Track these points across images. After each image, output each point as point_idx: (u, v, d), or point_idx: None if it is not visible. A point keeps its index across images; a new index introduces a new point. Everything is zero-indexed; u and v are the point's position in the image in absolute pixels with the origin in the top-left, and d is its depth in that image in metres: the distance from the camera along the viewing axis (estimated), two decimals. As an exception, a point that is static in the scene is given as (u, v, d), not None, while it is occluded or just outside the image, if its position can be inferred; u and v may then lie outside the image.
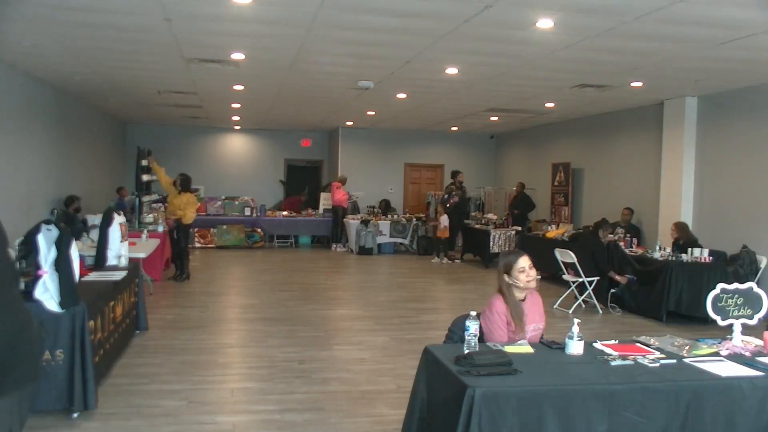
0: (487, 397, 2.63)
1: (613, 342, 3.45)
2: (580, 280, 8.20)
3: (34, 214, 8.52)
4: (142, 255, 7.26)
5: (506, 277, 3.57)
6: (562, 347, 3.28)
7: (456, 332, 3.57)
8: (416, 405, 3.16)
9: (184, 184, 9.63)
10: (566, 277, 8.47)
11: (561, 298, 8.55)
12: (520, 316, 3.52)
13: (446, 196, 13.38)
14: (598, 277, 8.25)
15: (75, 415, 4.18)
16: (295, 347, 6.21)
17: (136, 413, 4.38)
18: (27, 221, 7.37)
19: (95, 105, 12.48)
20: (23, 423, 2.39)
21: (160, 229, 9.76)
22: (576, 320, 3.33)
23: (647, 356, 3.18)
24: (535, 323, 3.59)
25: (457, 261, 13.09)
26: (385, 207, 15.99)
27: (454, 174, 13.66)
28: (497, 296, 3.61)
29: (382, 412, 4.50)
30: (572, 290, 8.37)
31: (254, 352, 6.11)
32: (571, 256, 8.32)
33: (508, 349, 3.21)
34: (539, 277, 3.67)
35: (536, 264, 3.70)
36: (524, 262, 3.57)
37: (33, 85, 9.21)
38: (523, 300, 3.60)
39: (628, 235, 9.53)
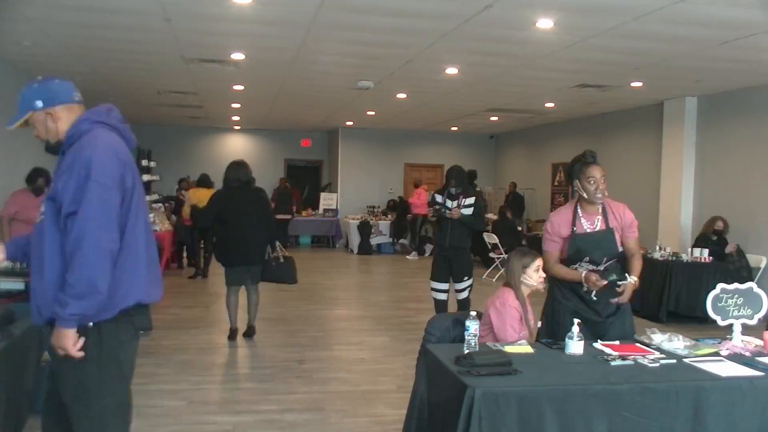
0: (487, 397, 2.63)
1: (613, 342, 3.45)
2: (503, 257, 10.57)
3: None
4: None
5: (522, 276, 3.64)
6: (561, 347, 3.28)
7: (434, 333, 3.56)
8: (416, 405, 3.16)
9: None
10: (492, 254, 11.01)
11: (488, 270, 11.04)
12: (527, 314, 3.63)
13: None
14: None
15: None
16: (295, 347, 6.22)
17: (136, 413, 4.35)
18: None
19: (95, 105, 12.46)
20: (24, 423, 2.44)
21: (158, 228, 9.79)
22: (576, 320, 3.33)
23: (647, 356, 3.18)
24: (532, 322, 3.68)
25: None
26: (393, 207, 16.04)
27: (473, 175, 12.35)
28: (508, 290, 3.65)
29: (382, 412, 4.50)
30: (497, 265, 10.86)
31: (254, 352, 6.11)
32: (494, 238, 11.09)
33: (508, 349, 3.21)
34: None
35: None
36: (540, 262, 3.70)
37: (33, 85, 9.21)
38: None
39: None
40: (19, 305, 4.02)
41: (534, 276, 3.65)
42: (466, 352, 3.00)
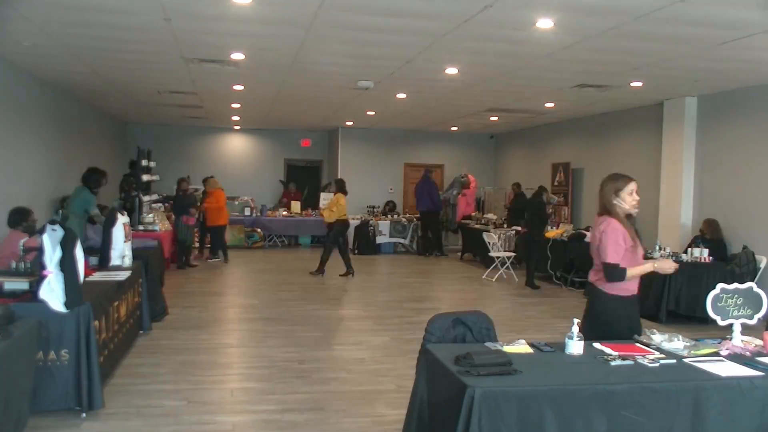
0: (487, 397, 2.63)
1: (612, 342, 3.45)
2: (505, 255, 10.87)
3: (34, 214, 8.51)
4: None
5: (615, 199, 3.71)
6: (554, 350, 3.29)
7: (434, 333, 3.56)
8: (416, 405, 3.16)
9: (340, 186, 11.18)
10: (492, 253, 11.05)
11: (488, 270, 11.04)
12: (633, 233, 3.67)
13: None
14: (514, 254, 11.16)
15: (84, 415, 4.18)
16: (295, 347, 6.22)
17: (136, 413, 4.38)
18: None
19: (95, 105, 12.47)
20: (24, 422, 2.45)
21: (158, 228, 9.79)
22: (576, 320, 3.33)
23: (647, 356, 3.18)
24: (640, 245, 3.75)
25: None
26: (393, 207, 16.09)
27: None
28: (610, 219, 3.70)
29: (382, 412, 4.50)
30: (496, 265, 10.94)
31: (254, 352, 6.11)
32: (493, 237, 11.23)
33: (508, 349, 3.21)
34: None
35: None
36: (634, 185, 3.77)
37: (33, 85, 9.21)
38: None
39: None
40: (20, 305, 4.03)
41: (628, 199, 3.69)
42: (466, 352, 2.99)
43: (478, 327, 3.58)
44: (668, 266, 3.78)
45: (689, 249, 8.15)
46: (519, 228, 12.42)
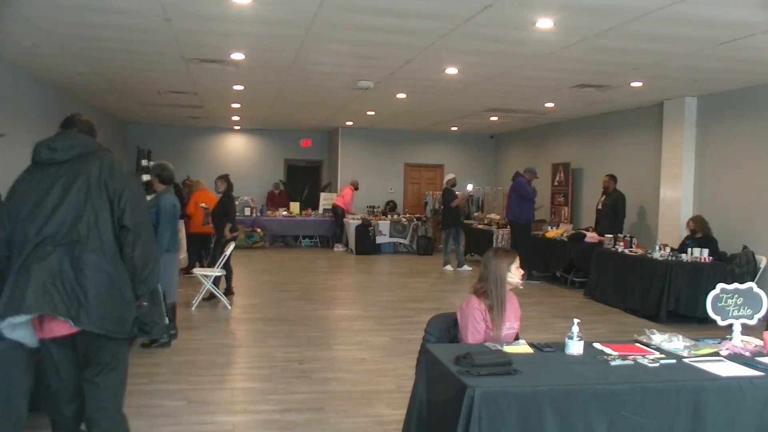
0: (487, 397, 2.63)
1: (612, 342, 3.45)
2: None
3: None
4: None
5: (505, 273, 3.57)
6: (554, 350, 3.29)
7: (433, 333, 3.57)
8: (416, 405, 3.16)
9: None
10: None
11: None
12: (501, 311, 3.51)
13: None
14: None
15: None
16: (295, 347, 6.22)
17: (135, 413, 4.37)
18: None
19: (95, 105, 12.47)
20: (24, 422, 2.46)
21: None
22: (576, 320, 3.33)
23: (647, 356, 3.18)
24: (510, 322, 3.57)
25: None
26: (394, 207, 16.10)
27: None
28: (472, 296, 3.59)
29: (382, 412, 4.50)
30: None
31: (254, 352, 6.11)
32: None
33: (508, 349, 3.21)
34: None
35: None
36: (518, 260, 3.65)
37: (33, 84, 9.21)
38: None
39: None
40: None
41: (516, 273, 3.61)
42: (467, 352, 3.00)
43: None
44: None
45: (689, 249, 8.15)
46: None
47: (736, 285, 3.61)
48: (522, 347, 3.28)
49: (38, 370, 4.03)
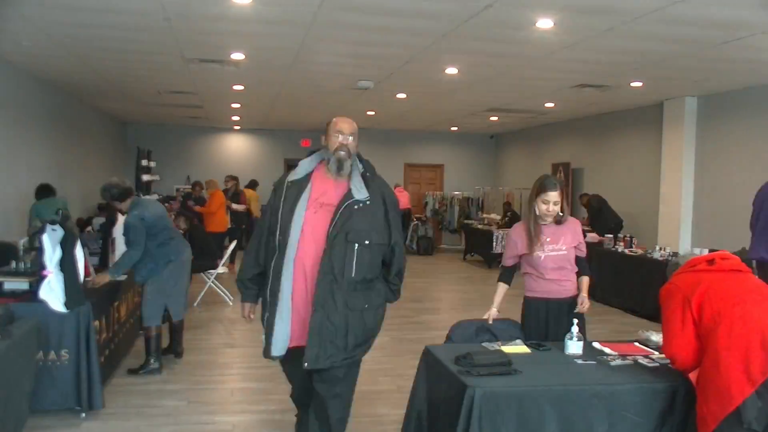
0: (487, 397, 2.63)
1: (612, 342, 3.45)
2: None
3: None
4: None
5: (534, 200, 3.75)
6: (549, 348, 3.29)
7: (456, 341, 3.58)
8: (416, 405, 3.16)
9: None
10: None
11: None
12: (535, 235, 3.69)
13: None
14: None
15: (83, 415, 4.17)
16: (295, 347, 6.21)
17: (135, 413, 4.38)
18: (27, 222, 7.38)
19: (95, 105, 12.47)
20: (24, 422, 2.45)
21: None
22: (575, 320, 3.33)
23: (647, 356, 3.18)
24: (554, 244, 3.71)
25: None
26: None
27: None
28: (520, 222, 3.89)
29: (382, 412, 4.50)
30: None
31: (254, 352, 6.10)
32: None
33: (507, 349, 3.21)
34: (561, 214, 3.76)
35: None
36: (553, 196, 3.70)
37: (33, 84, 9.21)
38: (546, 225, 3.76)
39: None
40: (20, 305, 4.03)
41: (541, 206, 3.71)
42: (466, 351, 3.00)
43: (506, 335, 3.57)
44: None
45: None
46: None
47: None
48: (519, 347, 3.29)
49: (38, 370, 4.04)
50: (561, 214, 3.76)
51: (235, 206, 11.19)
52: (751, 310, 2.57)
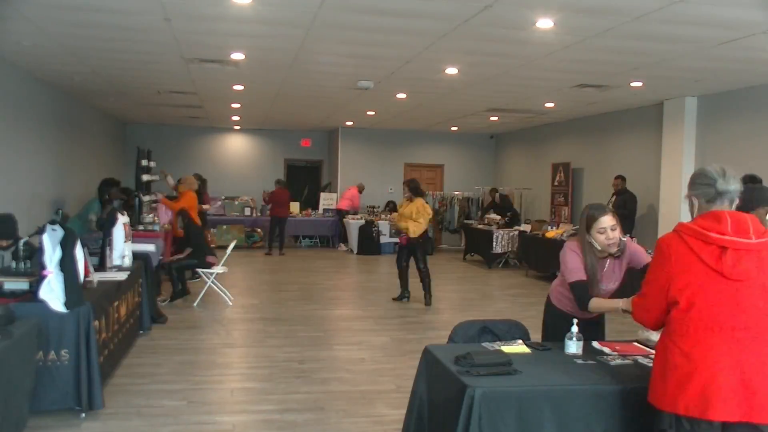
0: (487, 397, 2.63)
1: (612, 342, 3.45)
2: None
3: (34, 214, 8.51)
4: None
5: (586, 234, 3.38)
6: (549, 348, 3.29)
7: (457, 342, 3.57)
8: (416, 405, 3.16)
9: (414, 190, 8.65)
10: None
11: None
12: (593, 274, 3.37)
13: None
14: None
15: (83, 415, 4.17)
16: (295, 347, 6.22)
17: (135, 413, 4.38)
18: (27, 222, 7.36)
19: (95, 105, 12.47)
20: (24, 422, 2.45)
21: (157, 228, 9.73)
22: (575, 320, 3.33)
23: (647, 356, 3.18)
24: (608, 284, 3.47)
25: None
26: (394, 207, 16.08)
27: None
28: (572, 240, 3.53)
29: (382, 412, 4.50)
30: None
31: (254, 352, 6.11)
32: None
33: (507, 349, 3.21)
34: (623, 238, 3.40)
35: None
36: (607, 222, 3.32)
37: (33, 85, 9.21)
38: (604, 258, 3.43)
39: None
40: (20, 305, 4.03)
41: (599, 238, 3.32)
42: (466, 351, 3.00)
43: (509, 336, 3.56)
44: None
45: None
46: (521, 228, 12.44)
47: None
48: (519, 347, 3.29)
49: (38, 370, 4.04)
50: (623, 239, 3.40)
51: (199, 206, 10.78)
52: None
